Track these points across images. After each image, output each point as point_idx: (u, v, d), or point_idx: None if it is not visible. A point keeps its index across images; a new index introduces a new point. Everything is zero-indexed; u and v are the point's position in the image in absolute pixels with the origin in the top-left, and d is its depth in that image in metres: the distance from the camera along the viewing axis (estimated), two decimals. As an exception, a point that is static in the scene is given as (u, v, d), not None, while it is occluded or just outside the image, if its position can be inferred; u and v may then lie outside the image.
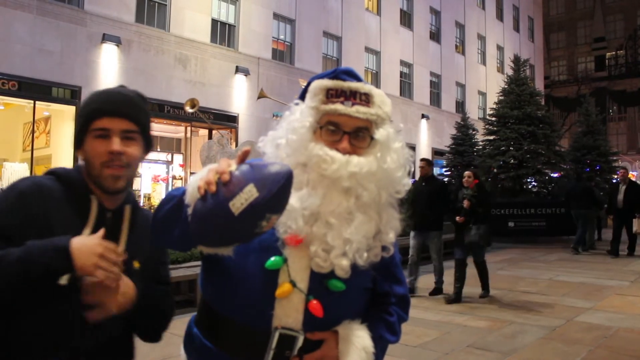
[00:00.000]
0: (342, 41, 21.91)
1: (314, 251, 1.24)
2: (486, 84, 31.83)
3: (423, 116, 25.96)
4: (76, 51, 13.56)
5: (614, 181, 12.03)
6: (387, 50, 24.27)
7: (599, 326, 5.53)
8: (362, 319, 1.34)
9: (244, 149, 1.18)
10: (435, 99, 27.98)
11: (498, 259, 11.14)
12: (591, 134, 21.78)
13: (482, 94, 31.80)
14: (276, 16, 19.10)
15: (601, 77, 43.54)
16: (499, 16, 34.07)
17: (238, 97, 17.37)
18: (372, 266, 1.32)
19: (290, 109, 1.38)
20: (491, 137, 17.03)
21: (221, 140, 10.70)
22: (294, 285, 1.24)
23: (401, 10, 25.78)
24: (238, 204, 1.07)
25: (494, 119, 17.19)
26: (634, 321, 5.72)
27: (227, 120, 16.99)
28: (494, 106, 17.61)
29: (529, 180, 16.28)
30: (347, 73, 1.37)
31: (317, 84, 1.35)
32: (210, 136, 15.61)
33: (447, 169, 23.06)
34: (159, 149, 16.54)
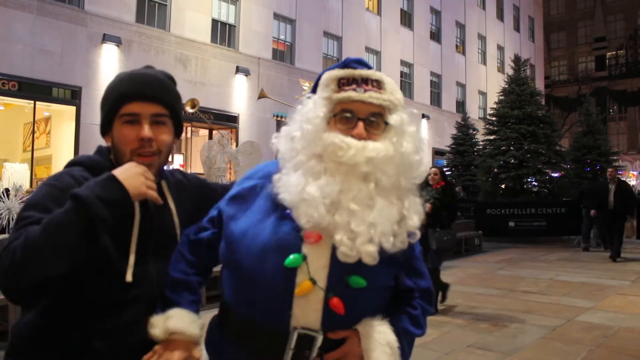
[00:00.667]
0: (343, 41, 21.91)
1: (339, 240, 1.21)
2: (486, 84, 31.82)
3: (423, 116, 25.95)
4: (76, 51, 13.56)
5: (601, 180, 11.59)
6: (388, 50, 24.27)
7: (599, 326, 5.53)
8: (385, 314, 1.32)
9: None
10: (436, 98, 27.98)
11: (498, 258, 11.14)
12: (591, 133, 21.77)
13: (483, 94, 31.79)
14: (276, 16, 19.10)
15: (601, 76, 43.52)
16: (500, 16, 34.06)
17: (238, 97, 17.37)
18: (395, 262, 1.30)
19: (303, 102, 1.37)
20: (491, 137, 17.03)
21: (221, 140, 10.68)
22: (314, 282, 1.22)
23: (401, 10, 25.78)
24: None
25: (494, 118, 17.19)
26: (635, 321, 5.72)
27: (228, 121, 17.00)
28: (495, 106, 17.60)
29: (530, 180, 16.28)
30: (357, 62, 1.37)
31: (329, 75, 1.34)
32: (210, 136, 15.59)
33: (447, 169, 23.08)
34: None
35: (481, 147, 18.74)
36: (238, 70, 17.26)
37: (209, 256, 1.43)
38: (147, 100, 1.36)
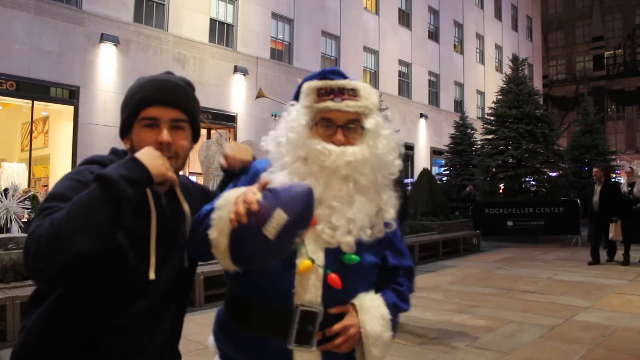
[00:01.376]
0: (341, 41, 21.91)
1: (320, 229, 1.37)
2: (485, 83, 31.85)
3: (422, 115, 25.98)
4: (74, 51, 13.54)
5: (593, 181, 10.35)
6: (386, 50, 24.28)
7: (597, 325, 5.53)
8: (375, 290, 1.48)
9: (264, 180, 1.30)
10: (434, 98, 27.99)
11: (497, 258, 11.16)
12: (589, 133, 21.82)
13: (481, 93, 31.82)
14: (275, 16, 19.09)
15: (599, 76, 43.60)
16: (498, 15, 34.10)
17: (237, 97, 17.36)
18: (380, 244, 1.47)
19: (288, 109, 1.51)
20: (490, 137, 17.03)
21: (220, 139, 10.67)
22: (313, 261, 1.35)
23: (400, 10, 25.79)
24: (271, 228, 1.21)
25: (492, 118, 17.19)
26: (633, 320, 5.73)
27: (226, 120, 16.99)
28: (493, 105, 17.60)
29: (528, 179, 16.30)
30: (333, 72, 1.51)
31: (308, 85, 1.48)
32: (208, 136, 15.57)
33: (445, 168, 23.09)
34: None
35: (479, 146, 18.75)
36: (236, 69, 17.25)
37: None
38: (167, 105, 1.41)
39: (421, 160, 25.30)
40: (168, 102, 1.40)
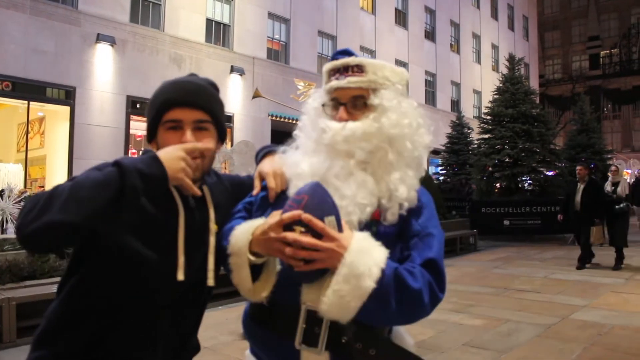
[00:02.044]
0: (337, 40, 21.91)
1: None
2: (481, 83, 31.89)
3: (418, 115, 25.99)
4: (70, 51, 13.50)
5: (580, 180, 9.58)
6: (382, 50, 24.29)
7: (594, 324, 5.55)
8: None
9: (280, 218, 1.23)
10: (431, 97, 28.02)
11: (493, 257, 11.18)
12: (586, 132, 21.86)
13: (477, 93, 31.87)
14: (271, 15, 19.08)
15: (595, 75, 43.75)
16: (494, 15, 34.15)
17: (233, 97, 17.34)
18: (400, 234, 1.34)
19: (313, 95, 1.54)
20: (486, 136, 17.05)
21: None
22: None
23: (396, 10, 25.81)
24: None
25: (489, 117, 17.21)
26: (629, 319, 5.74)
27: (223, 120, 16.96)
28: (489, 105, 17.61)
29: (524, 178, 16.32)
30: (340, 52, 1.50)
31: (324, 69, 1.50)
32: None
33: (442, 167, 23.10)
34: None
35: (476, 145, 18.77)
36: (233, 69, 17.24)
37: None
38: (189, 106, 1.40)
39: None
40: (190, 104, 1.40)
